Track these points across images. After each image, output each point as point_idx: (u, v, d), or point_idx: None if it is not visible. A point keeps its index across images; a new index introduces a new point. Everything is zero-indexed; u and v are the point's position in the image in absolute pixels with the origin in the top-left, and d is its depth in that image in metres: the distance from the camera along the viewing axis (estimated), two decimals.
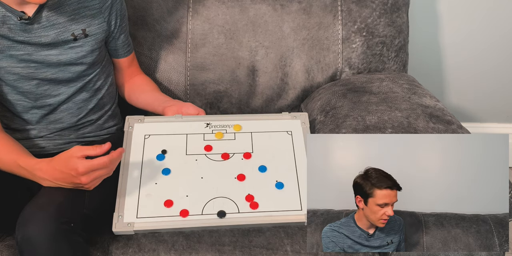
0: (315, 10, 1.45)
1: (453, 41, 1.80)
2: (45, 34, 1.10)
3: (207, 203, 1.07)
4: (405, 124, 1.18)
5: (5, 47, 1.08)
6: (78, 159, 0.96)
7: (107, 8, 1.18)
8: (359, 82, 1.39)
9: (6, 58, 1.09)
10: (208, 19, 1.44)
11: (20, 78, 1.12)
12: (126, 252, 1.02)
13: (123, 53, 1.29)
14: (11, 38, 1.07)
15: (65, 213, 0.94)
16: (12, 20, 1.06)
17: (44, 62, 1.12)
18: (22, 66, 1.11)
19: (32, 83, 1.13)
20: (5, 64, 1.09)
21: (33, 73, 1.12)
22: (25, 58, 1.10)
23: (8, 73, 1.11)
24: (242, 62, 1.45)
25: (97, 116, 1.25)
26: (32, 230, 0.91)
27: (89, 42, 1.16)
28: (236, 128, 1.20)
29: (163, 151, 1.14)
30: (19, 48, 1.09)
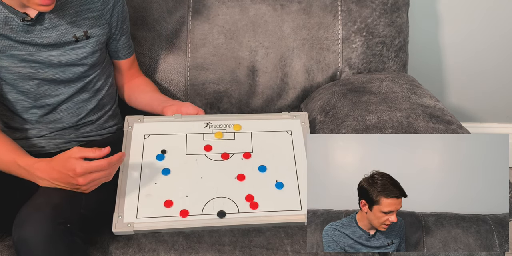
0: (315, 10, 1.45)
1: (453, 41, 1.80)
2: (47, 35, 1.10)
3: (207, 203, 1.07)
4: (405, 124, 1.18)
5: (6, 47, 1.08)
6: (77, 160, 0.96)
7: (109, 10, 1.18)
8: (359, 82, 1.39)
9: (7, 57, 1.09)
10: (208, 19, 1.44)
11: (21, 78, 1.12)
12: (126, 252, 1.02)
13: (124, 55, 1.29)
14: (13, 38, 1.07)
15: (61, 213, 0.94)
16: (15, 21, 1.06)
17: (45, 63, 1.12)
18: (23, 66, 1.11)
19: (33, 83, 1.13)
20: (6, 64, 1.09)
21: (34, 73, 1.12)
22: (26, 58, 1.10)
23: (9, 73, 1.11)
24: (242, 62, 1.45)
25: (97, 116, 1.25)
26: (28, 231, 0.91)
27: (91, 44, 1.16)
28: (236, 128, 1.20)
29: (162, 151, 1.14)
30: (20, 48, 1.09)
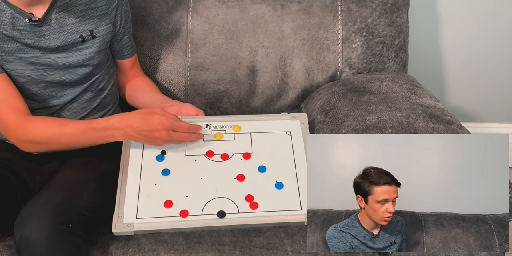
0: (315, 10, 1.45)
1: (453, 41, 1.80)
2: (54, 37, 1.10)
3: (207, 203, 1.07)
4: (405, 124, 1.18)
5: (15, 49, 1.08)
6: (165, 116, 1.04)
7: (113, 9, 1.18)
8: (359, 82, 1.39)
9: (16, 60, 1.09)
10: (208, 19, 1.44)
11: (29, 81, 1.12)
12: (126, 252, 1.02)
13: (127, 54, 1.30)
14: (21, 40, 1.07)
15: (63, 213, 0.94)
16: (22, 21, 1.06)
17: (52, 65, 1.12)
18: (31, 69, 1.11)
19: (41, 85, 1.14)
20: (15, 67, 1.10)
21: (42, 75, 1.12)
22: (34, 61, 1.10)
23: (18, 76, 1.11)
24: (242, 62, 1.45)
25: (99, 115, 1.26)
26: (30, 230, 0.91)
27: (96, 44, 1.16)
28: (236, 129, 1.20)
29: (162, 152, 1.14)
30: (28, 50, 1.09)
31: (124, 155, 1.14)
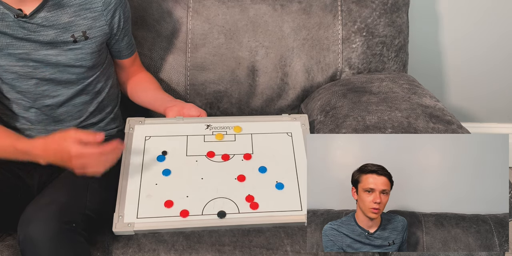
0: (315, 10, 1.45)
1: (453, 41, 1.80)
2: (44, 33, 1.09)
3: (207, 204, 1.07)
4: (405, 124, 1.18)
5: (3, 45, 1.08)
6: (72, 142, 0.97)
7: (110, 11, 1.16)
8: (359, 82, 1.39)
9: (5, 56, 1.09)
10: (208, 19, 1.44)
11: (18, 77, 1.12)
12: (126, 252, 1.02)
13: (127, 54, 1.29)
14: (11, 35, 1.07)
15: (67, 213, 0.95)
16: (10, 17, 1.06)
17: (43, 62, 1.11)
18: (20, 65, 1.10)
19: (31, 82, 1.13)
20: (3, 63, 1.09)
21: (32, 72, 1.12)
22: (23, 57, 1.10)
23: (6, 72, 1.10)
24: (242, 62, 1.45)
25: (97, 119, 1.25)
26: (34, 230, 0.91)
27: (89, 45, 1.15)
28: (236, 130, 1.20)
29: (163, 152, 1.14)
30: (18, 46, 1.08)
31: (125, 155, 1.14)
